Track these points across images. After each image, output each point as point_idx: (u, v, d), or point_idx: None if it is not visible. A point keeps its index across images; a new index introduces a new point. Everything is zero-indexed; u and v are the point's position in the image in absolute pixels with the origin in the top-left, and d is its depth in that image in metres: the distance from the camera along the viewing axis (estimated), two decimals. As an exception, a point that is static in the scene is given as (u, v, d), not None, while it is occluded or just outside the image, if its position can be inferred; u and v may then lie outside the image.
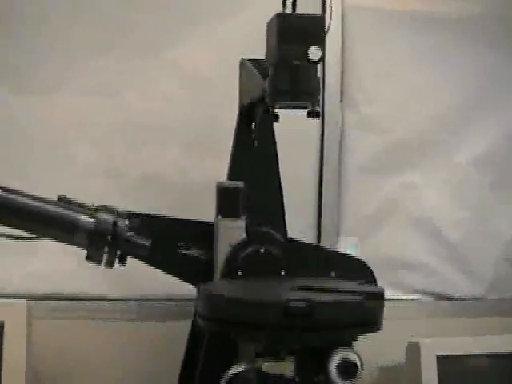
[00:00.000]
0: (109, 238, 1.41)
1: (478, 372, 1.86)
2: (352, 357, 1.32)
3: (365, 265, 1.81)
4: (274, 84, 1.48)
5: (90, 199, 1.64)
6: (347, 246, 2.17)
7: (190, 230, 1.75)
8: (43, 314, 1.98)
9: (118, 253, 1.47)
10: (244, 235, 1.71)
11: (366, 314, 1.37)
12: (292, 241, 1.80)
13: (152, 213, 1.71)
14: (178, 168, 2.11)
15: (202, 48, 2.12)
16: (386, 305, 2.12)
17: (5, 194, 1.40)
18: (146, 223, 1.66)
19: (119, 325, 2.05)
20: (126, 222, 1.45)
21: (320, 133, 2.19)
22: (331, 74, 2.18)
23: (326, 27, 1.51)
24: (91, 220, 1.43)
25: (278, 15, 1.47)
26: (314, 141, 2.20)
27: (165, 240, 1.72)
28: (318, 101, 1.52)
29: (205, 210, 1.75)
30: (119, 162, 2.09)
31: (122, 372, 2.04)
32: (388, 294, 2.13)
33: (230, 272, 1.68)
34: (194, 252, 1.74)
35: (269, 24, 1.54)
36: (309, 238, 2.17)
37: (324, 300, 1.34)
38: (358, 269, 1.79)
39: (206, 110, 2.10)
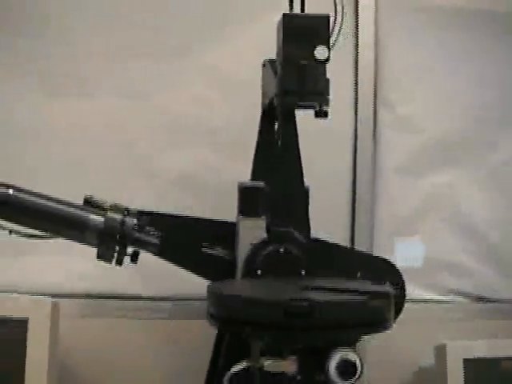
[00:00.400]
0: (117, 236, 1.44)
1: (505, 376, 1.81)
2: (352, 357, 1.31)
3: (392, 265, 1.79)
4: (281, 84, 1.49)
5: (126, 200, 1.70)
6: (405, 247, 2.17)
7: (215, 230, 1.77)
8: (80, 312, 2.06)
9: (130, 251, 1.50)
10: (265, 235, 1.72)
11: (370, 314, 1.35)
12: (316, 241, 1.79)
13: (181, 213, 1.74)
14: (212, 169, 2.14)
15: (235, 50, 2.14)
16: (421, 306, 2.15)
17: (17, 194, 1.45)
18: (169, 223, 1.72)
19: (152, 323, 2.09)
20: (135, 220, 1.47)
21: (353, 132, 2.18)
22: (364, 73, 2.17)
23: (338, 27, 1.52)
24: (101, 219, 1.46)
25: (284, 15, 1.47)
26: (347, 140, 2.18)
27: (189, 240, 1.74)
28: (327, 100, 1.51)
29: (238, 211, 1.77)
30: (154, 163, 2.13)
31: (154, 370, 2.08)
32: (423, 295, 2.17)
33: (249, 271, 1.69)
34: (218, 252, 1.75)
35: (278, 24, 1.55)
36: (342, 238, 2.16)
37: (325, 300, 1.33)
38: (384, 269, 1.77)
39: (238, 112, 2.12)
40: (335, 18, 1.61)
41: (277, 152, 1.78)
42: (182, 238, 1.74)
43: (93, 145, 2.10)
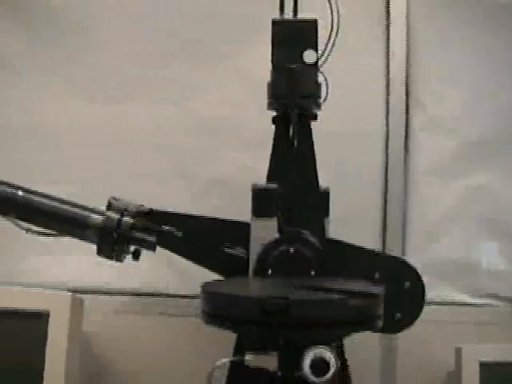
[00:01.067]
0: (114, 234, 1.52)
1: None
2: (326, 355, 1.33)
3: (410, 266, 1.78)
4: (271, 88, 1.52)
5: (162, 202, 1.79)
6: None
7: (235, 230, 1.81)
8: (117, 308, 2.17)
9: (132, 248, 1.58)
10: (276, 235, 1.75)
11: (349, 313, 1.36)
12: (332, 242, 1.81)
13: (215, 215, 1.81)
14: (247, 171, 2.19)
15: (268, 55, 2.18)
16: (455, 309, 2.12)
17: (26, 195, 1.55)
18: (191, 224, 1.79)
19: (188, 321, 2.14)
20: (131, 220, 1.54)
21: (385, 134, 2.17)
22: (396, 74, 2.16)
23: (333, 31, 1.55)
24: (100, 218, 1.54)
25: (273, 21, 1.51)
26: (379, 142, 2.18)
27: (210, 240, 1.80)
28: (318, 103, 1.53)
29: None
30: (189, 166, 2.21)
31: (191, 367, 2.12)
32: (457, 298, 2.14)
33: (261, 270, 1.73)
34: (238, 251, 1.79)
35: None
36: (374, 240, 2.16)
37: (302, 298, 1.36)
38: (402, 270, 1.76)
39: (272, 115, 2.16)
40: (332, 23, 1.61)
41: (291, 154, 1.82)
42: (203, 238, 1.81)
43: (130, 149, 2.20)
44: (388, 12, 2.16)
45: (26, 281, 2.12)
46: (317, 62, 1.49)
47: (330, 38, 1.63)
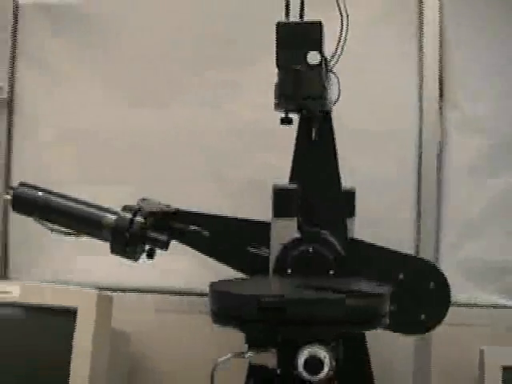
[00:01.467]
0: (126, 234, 1.57)
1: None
2: (320, 354, 1.34)
3: (435, 267, 1.76)
4: (277, 89, 1.54)
5: (199, 203, 1.85)
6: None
7: (260, 230, 1.83)
8: (156, 307, 2.23)
9: (147, 248, 1.63)
10: (296, 235, 1.77)
11: (345, 312, 1.37)
12: (354, 241, 1.81)
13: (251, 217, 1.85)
14: (280, 173, 2.20)
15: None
16: (489, 311, 2.07)
17: (45, 196, 1.62)
18: (218, 224, 1.83)
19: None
20: (143, 220, 1.59)
21: (418, 134, 2.15)
22: (429, 73, 2.14)
23: (342, 38, 1.56)
24: (113, 218, 1.60)
25: (278, 24, 1.52)
26: (412, 142, 2.16)
27: (237, 240, 1.83)
28: (323, 103, 1.54)
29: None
30: (226, 168, 2.25)
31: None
32: (492, 300, 2.09)
33: (280, 270, 1.75)
34: (263, 252, 1.82)
35: None
36: (407, 240, 2.15)
37: (297, 296, 1.38)
38: (427, 270, 1.75)
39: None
40: (341, 26, 1.62)
41: (313, 154, 1.83)
42: (229, 238, 1.84)
43: (168, 151, 2.26)
44: (421, 11, 2.13)
45: (71, 280, 2.22)
46: (321, 64, 1.49)
47: (339, 39, 1.63)
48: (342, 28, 1.63)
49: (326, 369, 1.33)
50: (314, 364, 1.33)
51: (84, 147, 2.31)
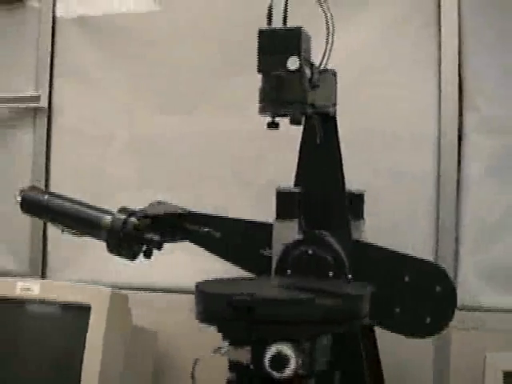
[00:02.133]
0: (121, 234, 1.64)
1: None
2: (286, 351, 1.36)
3: (442, 269, 1.75)
4: (260, 94, 1.58)
5: (220, 205, 1.93)
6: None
7: (269, 232, 1.88)
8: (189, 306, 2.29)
9: (144, 248, 1.70)
10: (297, 236, 1.80)
11: (315, 312, 1.39)
12: (360, 244, 1.82)
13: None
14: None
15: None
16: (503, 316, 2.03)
17: (49, 199, 1.72)
18: (228, 225, 1.88)
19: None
20: (136, 221, 1.65)
21: (437, 136, 2.13)
22: (448, 75, 2.11)
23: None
24: (109, 219, 1.67)
25: (259, 30, 1.56)
26: (431, 144, 2.14)
27: (248, 242, 1.88)
28: (304, 107, 1.56)
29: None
30: (249, 171, 2.30)
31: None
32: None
33: (281, 271, 1.79)
34: (268, 253, 1.85)
35: None
36: (426, 243, 2.13)
37: (267, 296, 1.41)
38: (433, 273, 1.73)
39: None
40: (328, 34, 1.64)
41: (317, 157, 1.85)
42: (240, 240, 1.90)
43: (192, 155, 2.34)
44: (439, 12, 2.12)
45: (106, 280, 2.32)
46: (301, 69, 1.52)
47: (327, 40, 1.65)
48: (328, 29, 1.64)
49: (291, 366, 1.36)
50: (279, 361, 1.36)
51: (116, 153, 2.42)
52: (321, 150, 1.83)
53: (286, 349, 1.37)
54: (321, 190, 1.83)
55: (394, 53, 2.17)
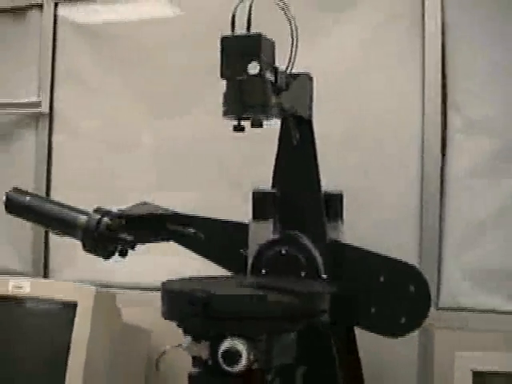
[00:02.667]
0: (95, 233, 1.71)
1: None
2: (239, 347, 1.41)
3: (416, 270, 1.76)
4: (223, 98, 1.63)
5: (214, 208, 1.99)
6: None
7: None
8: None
9: (119, 247, 1.76)
10: (271, 236, 1.84)
11: (267, 309, 1.43)
12: (335, 244, 1.85)
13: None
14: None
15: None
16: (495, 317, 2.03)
17: (31, 200, 1.80)
18: (213, 227, 1.94)
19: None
20: (109, 221, 1.71)
21: (421, 137, 2.14)
22: (431, 76, 2.12)
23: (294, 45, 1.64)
24: (84, 219, 1.73)
25: (222, 37, 1.61)
26: (415, 145, 2.15)
27: (230, 242, 1.93)
28: (266, 110, 1.61)
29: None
30: (242, 174, 2.35)
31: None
32: (494, 305, 2.06)
33: (256, 270, 1.83)
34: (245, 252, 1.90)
35: None
36: (410, 245, 2.15)
37: (222, 293, 1.47)
38: (409, 274, 1.75)
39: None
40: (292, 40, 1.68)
41: (294, 159, 1.89)
42: (222, 241, 1.95)
43: (185, 159, 2.41)
44: (423, 14, 2.13)
45: (111, 280, 2.41)
46: (261, 73, 1.57)
47: (292, 46, 1.69)
48: (292, 36, 1.68)
49: (243, 362, 1.40)
50: (231, 356, 1.41)
51: (114, 156, 2.49)
52: (297, 152, 1.87)
53: (238, 344, 1.41)
54: (297, 191, 1.87)
55: (377, 53, 2.20)
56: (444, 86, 2.12)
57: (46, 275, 2.56)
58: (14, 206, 1.83)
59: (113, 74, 2.51)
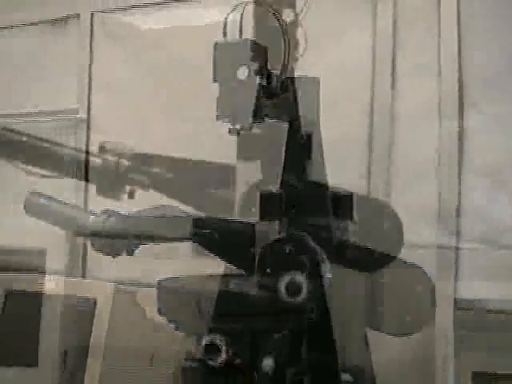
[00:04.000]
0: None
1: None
2: (217, 342, 1.46)
3: (419, 268, 1.77)
4: (216, 103, 1.68)
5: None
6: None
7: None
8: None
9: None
10: (276, 236, 1.87)
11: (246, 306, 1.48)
12: (341, 244, 1.87)
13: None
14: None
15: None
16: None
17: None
18: (224, 226, 1.99)
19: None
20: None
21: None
22: (448, 74, 2.12)
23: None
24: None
25: (214, 43, 1.66)
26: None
27: (240, 241, 1.97)
28: (252, 116, 1.64)
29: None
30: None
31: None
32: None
33: (261, 270, 1.87)
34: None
35: None
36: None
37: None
38: (413, 273, 1.76)
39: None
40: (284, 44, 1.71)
41: (300, 159, 1.91)
42: (234, 240, 1.99)
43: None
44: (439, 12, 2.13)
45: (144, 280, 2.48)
46: (251, 78, 1.60)
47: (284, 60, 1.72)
48: (284, 42, 1.71)
49: (223, 356, 1.45)
50: (211, 350, 1.46)
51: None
52: (303, 153, 1.90)
53: (216, 339, 1.47)
54: (304, 192, 1.89)
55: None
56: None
57: (84, 275, 2.65)
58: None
59: (147, 82, 2.58)
